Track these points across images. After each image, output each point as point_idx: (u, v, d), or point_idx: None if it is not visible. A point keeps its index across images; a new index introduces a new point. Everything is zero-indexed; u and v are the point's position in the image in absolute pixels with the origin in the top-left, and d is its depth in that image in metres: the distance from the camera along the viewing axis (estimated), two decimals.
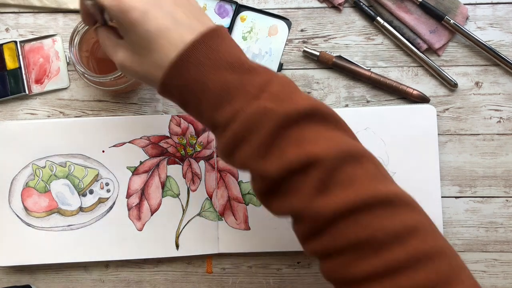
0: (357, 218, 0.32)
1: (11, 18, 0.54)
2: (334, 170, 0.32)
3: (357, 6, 0.53)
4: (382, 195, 0.32)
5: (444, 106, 0.53)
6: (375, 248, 0.31)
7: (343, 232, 0.32)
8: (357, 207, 0.32)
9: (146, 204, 0.51)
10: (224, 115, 0.34)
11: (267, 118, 0.33)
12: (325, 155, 0.32)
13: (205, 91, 0.34)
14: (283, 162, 0.33)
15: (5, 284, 0.53)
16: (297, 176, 0.33)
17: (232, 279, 0.53)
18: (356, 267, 0.32)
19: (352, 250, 0.32)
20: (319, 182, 0.32)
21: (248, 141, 0.33)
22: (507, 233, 0.52)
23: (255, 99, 0.33)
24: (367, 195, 0.32)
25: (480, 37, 0.52)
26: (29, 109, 0.54)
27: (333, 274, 0.34)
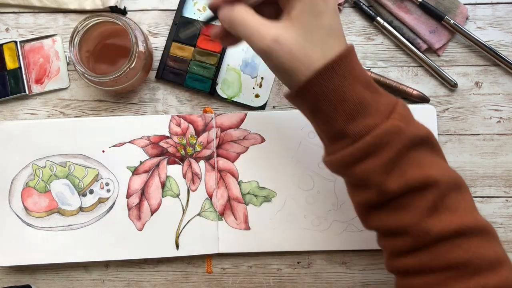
0: (459, 242, 0.36)
1: (11, 18, 0.54)
2: (445, 195, 0.36)
3: (357, 6, 0.53)
4: (481, 224, 0.37)
5: (444, 106, 0.53)
6: (470, 272, 0.35)
7: (444, 253, 0.36)
8: (460, 232, 0.36)
9: (146, 204, 0.51)
10: (358, 127, 0.36)
11: (399, 136, 0.36)
12: (440, 179, 0.36)
13: (342, 101, 0.36)
14: (405, 180, 0.36)
15: (5, 284, 0.53)
16: (413, 195, 0.36)
17: (232, 279, 0.53)
18: (450, 286, 0.35)
19: (449, 271, 0.36)
20: (432, 203, 0.36)
21: (379, 155, 0.36)
22: (507, 233, 0.52)
23: (388, 118, 0.36)
24: (469, 223, 0.36)
25: (480, 37, 0.52)
26: (29, 109, 0.54)
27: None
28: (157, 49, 0.54)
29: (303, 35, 0.36)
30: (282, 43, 0.36)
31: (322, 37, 0.36)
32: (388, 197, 0.37)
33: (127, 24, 0.46)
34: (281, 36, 0.36)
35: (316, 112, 0.38)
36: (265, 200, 0.52)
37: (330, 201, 0.51)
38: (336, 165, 0.39)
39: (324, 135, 0.39)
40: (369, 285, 0.52)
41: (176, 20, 0.53)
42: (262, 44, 0.36)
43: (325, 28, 0.36)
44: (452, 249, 0.36)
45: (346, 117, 0.36)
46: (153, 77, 0.54)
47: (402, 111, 0.37)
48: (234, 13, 0.37)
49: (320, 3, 0.36)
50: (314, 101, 0.37)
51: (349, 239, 0.51)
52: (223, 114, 0.52)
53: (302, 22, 0.36)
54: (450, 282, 0.35)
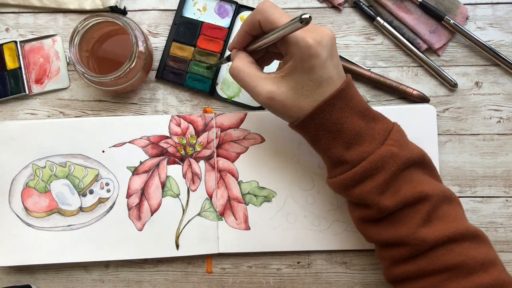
0: (453, 247, 0.39)
1: (11, 18, 0.54)
2: (437, 207, 0.40)
3: (357, 6, 0.53)
4: (471, 230, 0.40)
5: (444, 106, 0.53)
6: (465, 272, 0.39)
7: (440, 257, 0.39)
8: (453, 238, 0.39)
9: (146, 204, 0.51)
10: (355, 154, 0.40)
11: (392, 161, 0.40)
12: (432, 193, 0.40)
13: (340, 132, 0.40)
14: (399, 197, 0.40)
15: (5, 284, 0.53)
16: (408, 209, 0.40)
17: (232, 279, 0.53)
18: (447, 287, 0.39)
19: (446, 272, 0.39)
20: (426, 215, 0.40)
21: (374, 178, 0.40)
22: (507, 233, 0.52)
23: (382, 144, 0.40)
24: (460, 230, 0.40)
25: (480, 37, 0.52)
26: (29, 109, 0.54)
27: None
28: (157, 49, 0.54)
29: (293, 90, 0.40)
30: (275, 99, 0.41)
31: (313, 88, 0.40)
32: (385, 214, 0.41)
33: (127, 24, 0.46)
34: (274, 93, 0.40)
35: (316, 141, 0.42)
36: (265, 200, 0.52)
37: (330, 201, 0.51)
38: (337, 187, 0.43)
39: (326, 160, 0.44)
40: (369, 285, 0.52)
41: (176, 20, 0.53)
42: (258, 100, 0.41)
43: (315, 80, 0.39)
44: (447, 254, 0.39)
45: (343, 145, 0.41)
46: (153, 77, 0.54)
47: (396, 136, 0.41)
48: (233, 66, 0.42)
49: (311, 60, 0.38)
50: (313, 132, 0.41)
51: (349, 239, 0.51)
52: (223, 114, 0.52)
53: (293, 78, 0.40)
54: (447, 283, 0.39)
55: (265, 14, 0.40)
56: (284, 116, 0.42)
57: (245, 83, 0.42)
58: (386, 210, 0.40)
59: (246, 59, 0.43)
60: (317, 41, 0.38)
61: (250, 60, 0.43)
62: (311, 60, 0.38)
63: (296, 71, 0.39)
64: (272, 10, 0.39)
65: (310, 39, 0.38)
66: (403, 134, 0.42)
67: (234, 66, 0.42)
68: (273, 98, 0.40)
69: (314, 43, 0.38)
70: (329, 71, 0.39)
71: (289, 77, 0.40)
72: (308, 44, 0.38)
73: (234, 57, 0.44)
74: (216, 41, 0.53)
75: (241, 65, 0.42)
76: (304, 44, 0.38)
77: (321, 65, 0.39)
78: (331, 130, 0.40)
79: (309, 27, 0.38)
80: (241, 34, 0.43)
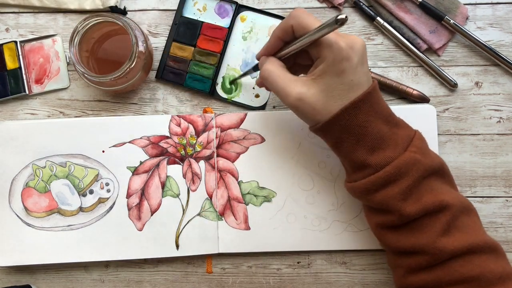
0: (471, 258, 0.39)
1: (11, 18, 0.54)
2: (456, 217, 0.40)
3: (357, 6, 0.53)
4: (489, 243, 0.40)
5: (444, 106, 0.53)
6: (482, 285, 0.39)
7: (458, 268, 0.39)
8: (471, 250, 0.39)
9: (146, 204, 0.51)
10: (379, 159, 0.40)
11: (416, 167, 0.40)
12: (452, 203, 0.40)
13: (364, 135, 0.40)
14: (421, 205, 0.40)
15: (5, 284, 0.53)
16: (429, 218, 0.40)
17: (232, 279, 0.53)
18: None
19: (463, 284, 0.39)
20: (446, 225, 0.40)
21: (398, 184, 0.40)
22: (507, 233, 0.52)
23: (405, 150, 0.41)
24: (478, 241, 0.40)
25: (480, 37, 0.52)
26: (29, 109, 0.54)
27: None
28: (157, 49, 0.54)
29: (324, 92, 0.40)
30: (305, 101, 0.41)
31: (343, 92, 0.40)
32: (406, 220, 0.41)
33: (127, 24, 0.46)
34: (304, 95, 0.41)
35: (339, 144, 0.42)
36: (265, 200, 0.52)
37: (330, 201, 0.51)
38: (358, 191, 0.43)
39: (347, 164, 0.44)
40: (369, 285, 0.52)
41: (176, 20, 0.53)
42: (287, 101, 0.42)
43: (346, 84, 0.40)
44: (465, 265, 0.39)
45: (367, 149, 0.41)
46: (153, 77, 0.54)
47: (419, 143, 0.41)
48: (264, 68, 0.43)
49: (343, 63, 0.39)
50: (337, 135, 0.42)
51: (349, 239, 0.51)
52: (223, 114, 0.52)
53: (324, 80, 0.40)
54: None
55: (298, 19, 0.41)
56: (311, 119, 0.42)
57: (276, 85, 0.42)
58: (408, 217, 0.40)
59: (277, 62, 0.44)
60: (349, 46, 0.39)
61: (281, 64, 0.44)
62: (343, 63, 0.39)
63: (328, 74, 0.40)
64: (306, 15, 0.41)
65: (343, 43, 0.39)
66: (424, 142, 0.43)
67: (265, 68, 0.43)
68: (303, 100, 0.41)
69: (347, 47, 0.39)
70: (359, 77, 0.40)
71: (320, 80, 0.40)
72: (341, 47, 0.39)
73: (264, 62, 0.44)
74: (216, 41, 0.53)
75: (273, 67, 0.43)
76: (337, 47, 0.39)
77: (352, 69, 0.40)
78: (355, 133, 0.41)
79: (342, 34, 0.40)
80: (273, 40, 0.43)
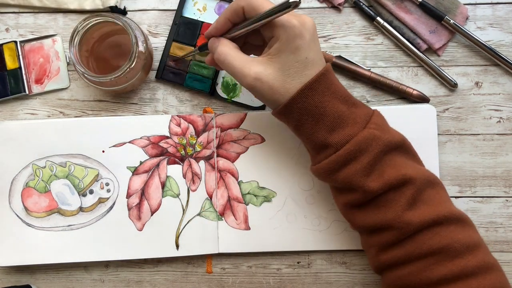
0: (438, 230, 0.40)
1: (11, 18, 0.54)
2: (421, 190, 0.41)
3: (357, 6, 0.53)
4: (456, 214, 0.41)
5: (444, 106, 0.53)
6: (451, 255, 0.39)
7: (426, 241, 0.40)
8: (438, 221, 0.40)
9: (146, 204, 0.51)
10: (338, 138, 0.41)
11: (375, 143, 0.40)
12: (415, 177, 0.40)
13: (323, 115, 0.41)
14: (384, 180, 0.40)
15: (5, 284, 0.53)
16: (393, 192, 0.40)
17: (232, 279, 0.53)
18: (434, 270, 0.39)
19: (432, 256, 0.39)
20: (411, 198, 0.40)
21: (358, 160, 0.40)
22: (507, 233, 0.52)
23: (364, 128, 0.41)
24: (445, 213, 0.40)
25: (480, 37, 0.52)
26: (29, 109, 0.54)
27: (410, 278, 0.40)
28: (157, 49, 0.54)
29: (281, 71, 0.41)
30: (262, 81, 0.41)
31: (299, 69, 0.41)
32: (370, 197, 0.41)
33: (127, 24, 0.46)
34: (261, 74, 0.41)
35: (299, 126, 0.42)
36: (265, 200, 0.52)
37: (330, 201, 0.51)
38: (321, 173, 0.43)
39: (309, 146, 0.44)
40: (369, 285, 0.52)
41: (176, 20, 0.53)
42: (245, 82, 0.42)
43: (301, 62, 0.41)
44: (433, 237, 0.40)
45: (327, 129, 0.41)
46: (153, 77, 0.54)
47: (377, 120, 0.42)
48: (218, 51, 0.43)
49: (297, 40, 0.40)
50: (297, 117, 0.42)
51: (349, 239, 0.51)
52: (223, 114, 0.52)
53: (280, 59, 0.41)
54: (434, 267, 0.39)
55: (249, 1, 0.41)
56: (270, 99, 0.42)
57: (232, 67, 0.42)
58: (371, 193, 0.40)
59: (231, 44, 0.43)
60: (301, 23, 0.40)
61: (235, 45, 0.44)
62: (297, 40, 0.40)
63: (283, 52, 0.41)
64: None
65: (295, 21, 0.40)
66: (383, 119, 0.43)
67: (220, 51, 0.43)
68: (260, 79, 0.41)
69: (299, 24, 0.40)
70: (313, 54, 0.41)
71: (276, 58, 0.41)
72: (294, 25, 0.40)
73: (215, 44, 0.44)
74: None
75: (227, 49, 0.43)
76: (290, 25, 0.40)
77: (306, 46, 0.40)
78: (313, 114, 0.41)
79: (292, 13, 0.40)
80: (222, 21, 0.43)
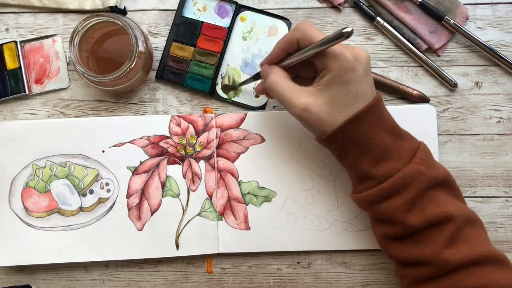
0: (475, 270, 0.39)
1: (11, 18, 0.54)
2: (461, 228, 0.41)
3: (357, 6, 0.53)
4: (494, 254, 0.41)
5: (444, 106, 0.53)
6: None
7: (462, 279, 0.39)
8: (475, 261, 0.39)
9: (146, 204, 0.51)
10: (383, 170, 0.41)
11: (419, 178, 0.40)
12: (456, 215, 0.40)
13: (368, 147, 0.41)
14: (425, 216, 0.40)
15: (5, 284, 0.53)
16: (433, 229, 0.40)
17: (232, 279, 0.53)
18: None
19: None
20: (450, 236, 0.40)
21: (401, 195, 0.40)
22: (507, 233, 0.52)
23: (409, 162, 0.41)
24: (483, 253, 0.40)
25: (480, 37, 0.52)
26: (29, 109, 0.54)
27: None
28: (157, 49, 0.54)
29: (330, 102, 0.41)
30: (311, 111, 0.41)
31: (348, 102, 0.41)
32: (410, 232, 0.41)
33: (127, 24, 0.46)
34: (310, 105, 0.41)
35: (343, 155, 0.43)
36: (265, 200, 0.52)
37: (330, 201, 0.51)
38: (363, 202, 0.43)
39: (352, 175, 0.44)
40: (369, 285, 0.52)
41: (176, 20, 0.53)
42: (293, 111, 0.42)
43: (351, 94, 0.41)
44: (469, 276, 0.39)
45: (371, 160, 0.41)
46: (153, 77, 0.54)
47: (423, 155, 0.42)
48: (270, 79, 0.44)
49: (349, 73, 0.40)
50: (341, 146, 0.42)
51: (349, 239, 0.51)
52: (223, 114, 0.52)
53: (330, 90, 0.41)
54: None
55: (304, 32, 0.42)
56: (316, 129, 0.42)
57: (282, 95, 0.43)
58: (412, 228, 0.41)
59: (283, 73, 0.44)
60: (355, 57, 0.40)
61: (286, 74, 0.44)
62: (349, 74, 0.40)
63: (333, 84, 0.41)
64: (312, 28, 0.42)
65: (349, 54, 0.40)
66: (429, 154, 0.43)
67: (271, 79, 0.44)
68: (309, 110, 0.41)
69: (352, 58, 0.40)
70: (364, 87, 0.41)
71: (326, 90, 0.41)
72: (347, 58, 0.40)
73: (267, 71, 0.45)
74: (216, 41, 0.53)
75: (279, 78, 0.43)
76: (343, 58, 0.40)
77: (358, 80, 0.40)
78: (359, 145, 0.41)
79: (347, 45, 0.41)
80: (277, 50, 0.44)
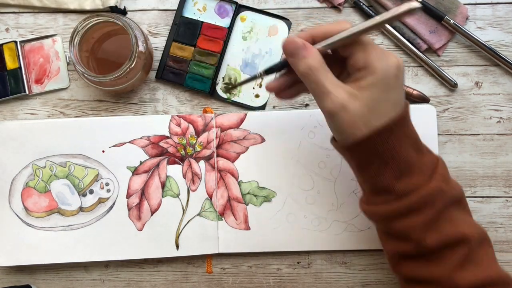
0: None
1: (11, 18, 0.54)
2: (473, 250, 0.39)
3: (357, 6, 0.53)
4: (503, 277, 0.40)
5: (444, 106, 0.53)
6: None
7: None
8: (485, 283, 0.38)
9: (146, 204, 0.51)
10: (404, 186, 0.38)
11: (441, 197, 0.39)
12: (471, 236, 0.39)
13: (393, 159, 0.38)
14: (441, 236, 0.39)
15: (5, 284, 0.53)
16: (447, 250, 0.39)
17: (232, 279, 0.53)
18: None
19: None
20: (463, 258, 0.39)
21: (421, 213, 0.38)
22: (507, 233, 0.52)
23: (431, 179, 0.39)
24: (493, 276, 0.39)
25: (480, 37, 0.52)
26: (29, 109, 0.54)
27: None
28: (157, 49, 0.54)
29: (369, 107, 0.37)
30: (348, 111, 0.37)
31: (386, 109, 0.37)
32: (424, 251, 0.39)
33: (127, 24, 0.46)
34: (349, 105, 0.37)
35: (364, 166, 0.40)
36: (265, 200, 0.52)
37: (330, 201, 0.51)
38: (376, 216, 0.41)
39: (367, 186, 0.41)
40: (369, 285, 0.52)
41: (176, 20, 0.53)
42: (328, 105, 0.37)
43: (391, 101, 0.37)
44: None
45: (394, 174, 0.39)
46: (153, 77, 0.54)
47: (443, 171, 0.40)
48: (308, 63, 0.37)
49: (393, 79, 0.37)
50: (364, 156, 0.39)
51: (349, 239, 0.51)
52: (223, 114, 0.52)
53: (371, 94, 0.37)
54: None
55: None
56: (344, 132, 0.38)
57: (320, 86, 0.37)
58: (426, 248, 0.39)
59: (322, 59, 0.37)
60: (399, 64, 0.38)
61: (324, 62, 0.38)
62: (393, 80, 0.37)
63: (376, 88, 0.37)
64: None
65: (395, 58, 0.37)
66: (447, 169, 0.41)
67: (310, 64, 0.37)
68: (346, 109, 0.37)
69: (397, 64, 0.37)
70: (401, 96, 0.38)
71: (367, 92, 0.37)
72: (394, 63, 0.37)
73: (303, 53, 0.37)
74: (216, 41, 0.53)
75: (317, 64, 0.37)
76: (391, 62, 0.37)
77: (399, 88, 0.38)
78: (384, 157, 0.38)
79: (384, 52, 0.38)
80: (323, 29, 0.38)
